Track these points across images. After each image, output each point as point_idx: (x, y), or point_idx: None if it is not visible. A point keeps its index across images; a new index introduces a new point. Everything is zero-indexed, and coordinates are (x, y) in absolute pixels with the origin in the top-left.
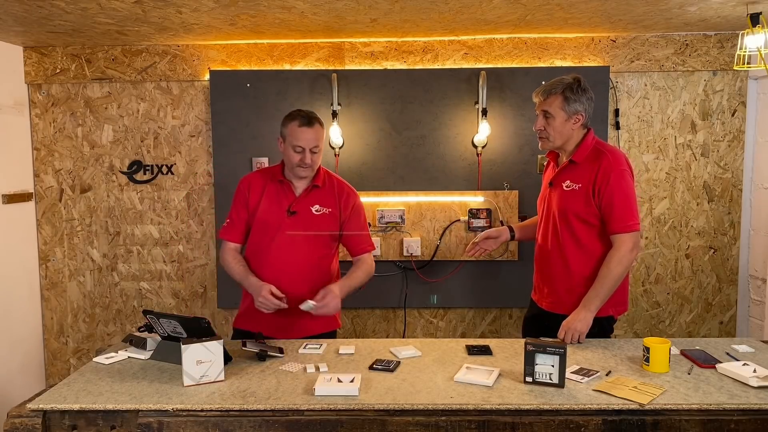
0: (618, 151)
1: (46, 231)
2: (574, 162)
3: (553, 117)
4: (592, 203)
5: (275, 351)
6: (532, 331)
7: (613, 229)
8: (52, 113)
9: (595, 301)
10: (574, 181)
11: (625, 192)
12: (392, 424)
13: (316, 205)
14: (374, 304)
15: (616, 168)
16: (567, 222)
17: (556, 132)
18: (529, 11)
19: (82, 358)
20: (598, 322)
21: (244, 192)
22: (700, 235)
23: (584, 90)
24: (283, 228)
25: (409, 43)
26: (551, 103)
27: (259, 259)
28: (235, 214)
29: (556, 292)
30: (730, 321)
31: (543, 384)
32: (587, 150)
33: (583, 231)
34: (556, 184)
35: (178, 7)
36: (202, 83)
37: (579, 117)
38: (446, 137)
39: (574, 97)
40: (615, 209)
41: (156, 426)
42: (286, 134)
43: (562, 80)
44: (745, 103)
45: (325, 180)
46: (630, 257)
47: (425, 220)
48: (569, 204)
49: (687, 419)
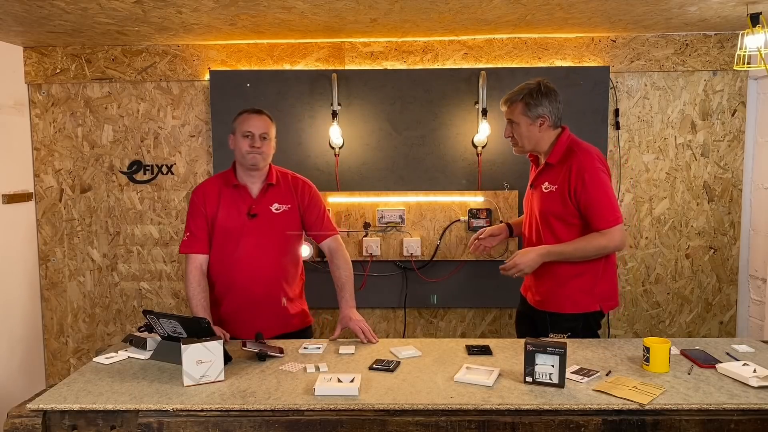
0: (590, 149)
1: (46, 231)
2: (550, 164)
3: (517, 124)
4: (569, 204)
5: (275, 351)
6: (524, 325)
7: (599, 227)
8: (52, 113)
9: (554, 255)
10: (551, 182)
11: (602, 189)
12: (392, 424)
13: (275, 204)
14: (374, 304)
15: (588, 167)
16: (548, 223)
17: (523, 137)
18: (529, 11)
19: (82, 358)
20: (584, 319)
21: (200, 203)
22: (700, 235)
23: (546, 93)
24: (245, 232)
25: (409, 43)
26: (513, 111)
27: (228, 267)
28: (193, 226)
29: (543, 291)
30: (730, 321)
31: (543, 384)
32: (561, 150)
33: (564, 231)
34: (536, 186)
35: (178, 7)
36: (202, 83)
37: (543, 119)
38: (446, 137)
39: (534, 102)
40: (596, 208)
41: (156, 426)
42: (236, 127)
43: (524, 87)
44: (745, 103)
45: (278, 177)
46: (613, 248)
47: (425, 220)
48: (548, 206)
49: (687, 419)
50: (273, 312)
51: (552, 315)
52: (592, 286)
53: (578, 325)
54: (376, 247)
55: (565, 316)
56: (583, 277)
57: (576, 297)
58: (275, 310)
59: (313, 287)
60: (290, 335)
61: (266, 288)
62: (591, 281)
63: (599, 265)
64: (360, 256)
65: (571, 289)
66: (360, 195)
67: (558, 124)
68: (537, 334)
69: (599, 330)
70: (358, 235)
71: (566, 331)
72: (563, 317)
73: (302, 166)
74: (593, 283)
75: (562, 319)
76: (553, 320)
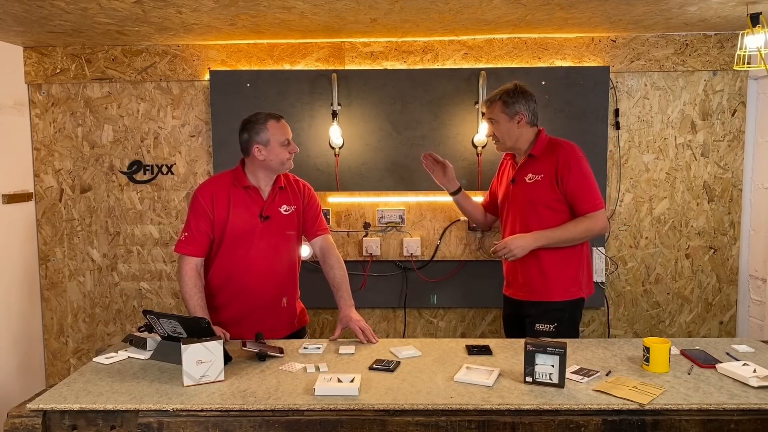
0: (571, 143)
1: (46, 231)
2: (533, 156)
3: (497, 121)
4: (556, 190)
5: (275, 351)
6: (513, 327)
7: (584, 210)
8: (52, 113)
9: (545, 238)
10: (536, 172)
11: (586, 176)
12: (392, 424)
13: (284, 206)
14: (374, 304)
15: (573, 156)
16: (536, 212)
17: (504, 133)
18: (529, 11)
19: (82, 358)
20: (570, 308)
21: (207, 205)
22: (700, 235)
23: (522, 93)
24: (258, 234)
25: (409, 43)
26: (493, 110)
27: (242, 270)
28: (195, 227)
29: (531, 281)
30: (730, 321)
31: (543, 384)
32: (543, 144)
33: (549, 217)
34: (519, 180)
35: (178, 7)
36: (202, 83)
37: (521, 116)
38: (446, 137)
39: (512, 100)
40: (581, 193)
41: (156, 426)
42: (267, 137)
43: (501, 89)
44: (745, 103)
45: (285, 180)
46: (598, 230)
47: (425, 220)
48: (534, 194)
49: (687, 419)
50: (282, 313)
51: (540, 304)
52: (577, 274)
53: (565, 315)
54: (376, 247)
55: (553, 305)
56: (570, 265)
57: (566, 285)
58: (284, 310)
59: (314, 287)
60: (290, 335)
61: (277, 289)
62: (576, 269)
63: (583, 253)
64: (360, 256)
65: (560, 277)
66: (360, 195)
67: (534, 122)
68: (524, 331)
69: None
70: (358, 235)
71: (553, 322)
72: (551, 305)
73: (302, 166)
74: (578, 270)
75: (550, 308)
76: (541, 310)
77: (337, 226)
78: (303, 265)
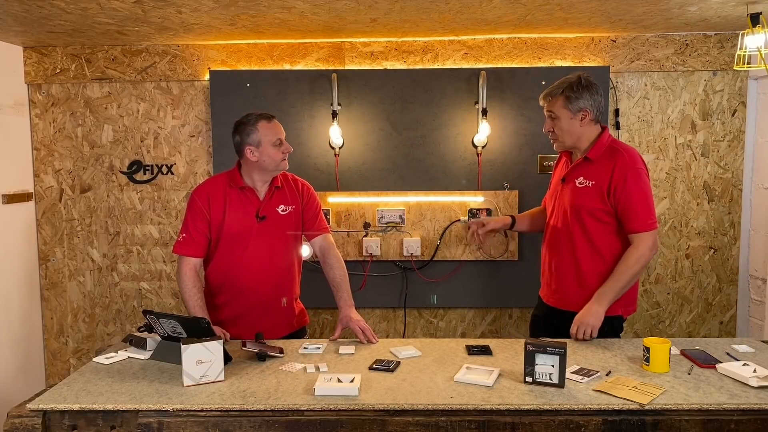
0: (633, 150)
1: (46, 231)
2: (589, 159)
3: (558, 117)
4: (606, 201)
5: (275, 351)
6: (540, 328)
7: (633, 229)
8: (52, 113)
9: (609, 295)
10: (588, 178)
11: (643, 191)
12: (392, 424)
13: (281, 206)
14: (374, 304)
15: (632, 167)
16: (579, 218)
17: (564, 131)
18: (529, 11)
19: (82, 358)
20: (609, 322)
21: (204, 205)
22: (700, 235)
23: (587, 87)
24: (254, 235)
25: (409, 43)
26: (554, 104)
27: (238, 270)
28: (192, 228)
29: (565, 289)
30: (730, 321)
31: (543, 384)
32: (602, 148)
33: (595, 227)
34: (569, 180)
35: (178, 7)
36: (202, 83)
37: (585, 113)
38: (446, 137)
39: (575, 95)
40: (634, 208)
41: (156, 426)
42: (258, 138)
43: (564, 81)
44: (745, 103)
45: (282, 180)
46: (649, 255)
47: (425, 220)
48: (582, 200)
49: (687, 419)
50: (281, 312)
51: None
52: None
53: (603, 329)
54: (376, 247)
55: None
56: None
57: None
58: (283, 310)
59: (314, 287)
60: (290, 335)
61: (275, 289)
62: None
63: None
64: (360, 256)
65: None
66: (360, 195)
67: (599, 119)
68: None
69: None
70: (358, 235)
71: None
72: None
73: (302, 166)
74: None
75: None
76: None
77: (337, 226)
78: (303, 265)
